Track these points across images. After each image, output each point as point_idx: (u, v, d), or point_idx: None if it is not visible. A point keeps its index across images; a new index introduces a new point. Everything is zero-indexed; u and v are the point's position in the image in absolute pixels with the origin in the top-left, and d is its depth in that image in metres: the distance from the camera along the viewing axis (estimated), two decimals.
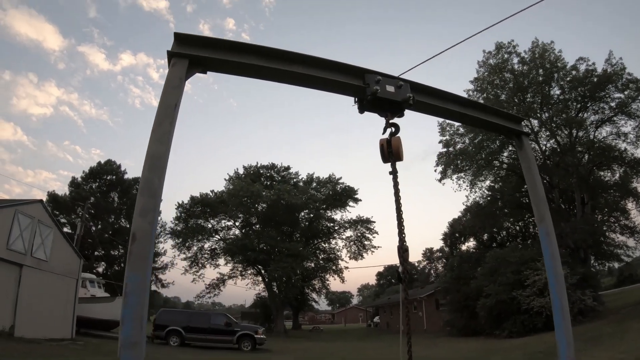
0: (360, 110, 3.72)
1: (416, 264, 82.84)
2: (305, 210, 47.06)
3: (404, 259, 3.39)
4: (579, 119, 24.24)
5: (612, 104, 24.66)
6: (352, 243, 49.64)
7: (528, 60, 25.73)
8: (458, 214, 45.13)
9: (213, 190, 45.85)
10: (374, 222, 48.94)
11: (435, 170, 30.84)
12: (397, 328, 45.36)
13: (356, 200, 48.38)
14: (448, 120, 28.66)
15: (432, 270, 68.58)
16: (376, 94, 3.53)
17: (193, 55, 3.19)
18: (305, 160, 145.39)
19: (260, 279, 46.91)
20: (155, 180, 2.76)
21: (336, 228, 49.67)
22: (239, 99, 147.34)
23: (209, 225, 46.31)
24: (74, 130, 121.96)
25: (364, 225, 49.08)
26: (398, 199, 3.62)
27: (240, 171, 49.80)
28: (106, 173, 46.21)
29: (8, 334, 14.63)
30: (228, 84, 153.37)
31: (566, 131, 25.74)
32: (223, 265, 46.18)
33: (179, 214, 44.44)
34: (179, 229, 44.57)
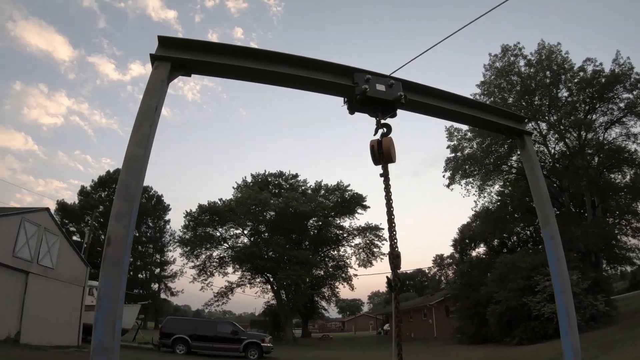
0: (350, 111, 3.58)
1: (426, 271, 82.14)
2: (314, 218, 46.93)
3: (395, 266, 3.25)
4: (587, 120, 23.86)
5: (621, 104, 24.26)
6: (361, 250, 49.34)
7: (534, 62, 25.47)
8: (467, 220, 44.61)
9: (221, 198, 46.02)
10: (383, 229, 48.55)
11: (443, 176, 30.58)
12: (408, 335, 44.86)
13: (364, 207, 48.15)
14: (456, 125, 28.61)
15: (443, 277, 67.80)
16: (365, 93, 3.37)
17: (176, 57, 3.15)
18: (313, 168, 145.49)
19: (269, 287, 46.73)
20: (132, 183, 2.70)
21: (345, 235, 49.42)
22: (249, 108, 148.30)
23: (217, 234, 46.36)
24: (85, 140, 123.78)
25: (372, 232, 48.78)
26: (389, 203, 3.46)
27: (249, 179, 49.94)
28: (115, 182, 46.51)
29: (14, 341, 14.69)
30: (238, 93, 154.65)
31: (575, 133, 25.34)
32: (231, 273, 46.13)
33: (187, 223, 44.55)
34: (187, 237, 44.63)
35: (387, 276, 3.35)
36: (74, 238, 37.26)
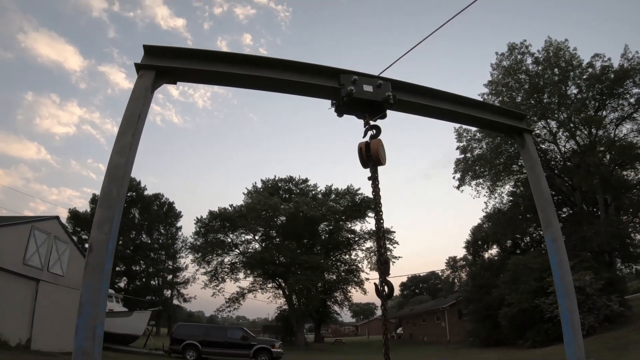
0: (338, 114, 3.50)
1: (440, 274, 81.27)
2: (325, 222, 46.88)
3: (382, 272, 3.17)
4: (597, 117, 23.42)
5: (631, 100, 23.77)
6: (373, 254, 49.05)
7: (542, 60, 25.12)
8: (478, 221, 44.04)
9: (232, 204, 46.24)
10: (394, 232, 48.29)
11: (453, 177, 30.28)
12: (420, 339, 44.39)
13: None
14: (464, 126, 28.33)
15: (456, 280, 66.98)
16: (351, 94, 3.29)
17: (160, 66, 3.17)
18: (323, 172, 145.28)
19: (281, 292, 46.72)
20: (114, 191, 2.71)
21: (356, 239, 49.23)
22: (259, 113, 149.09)
23: (229, 240, 46.54)
24: (97, 148, 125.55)
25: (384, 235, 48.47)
26: (378, 207, 3.38)
27: (259, 185, 50.10)
28: (127, 190, 47.23)
29: (24, 347, 14.90)
30: (248, 99, 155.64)
31: (585, 131, 24.88)
32: (242, 279, 46.25)
33: (198, 229, 44.84)
34: (198, 243, 44.91)
35: (375, 282, 3.27)
36: (87, 245, 37.64)
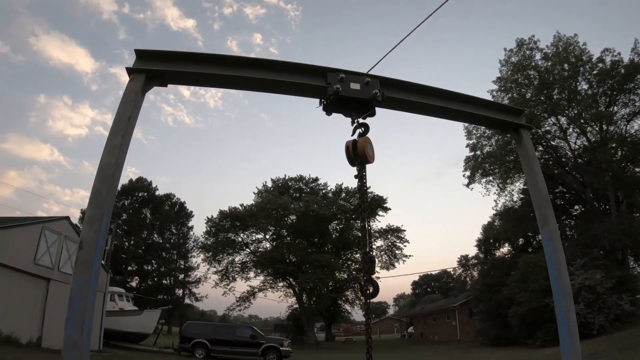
0: (326, 112, 3.49)
1: (452, 272, 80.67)
2: (335, 221, 46.86)
3: (366, 271, 3.17)
4: (608, 113, 22.98)
5: None
6: (383, 253, 48.90)
7: (551, 55, 24.74)
8: (488, 220, 43.61)
9: (242, 204, 46.49)
10: (405, 231, 48.09)
11: (463, 175, 30.00)
12: (431, 338, 44.12)
13: (386, 209, 47.82)
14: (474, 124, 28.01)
15: (468, 278, 66.45)
16: (338, 93, 3.29)
17: (150, 69, 3.25)
18: (333, 171, 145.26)
19: (292, 291, 46.85)
20: (103, 190, 2.81)
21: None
22: (270, 112, 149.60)
23: (239, 239, 46.80)
24: None
25: (394, 234, 48.35)
26: (364, 205, 3.37)
27: (269, 184, 50.26)
28: (138, 190, 47.82)
29: (35, 345, 15.22)
30: (259, 99, 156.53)
31: (596, 127, 24.43)
32: (253, 278, 46.48)
33: (208, 229, 45.18)
34: (209, 243, 45.25)
35: (360, 282, 3.26)
36: None
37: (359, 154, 3.29)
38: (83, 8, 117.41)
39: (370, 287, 3.13)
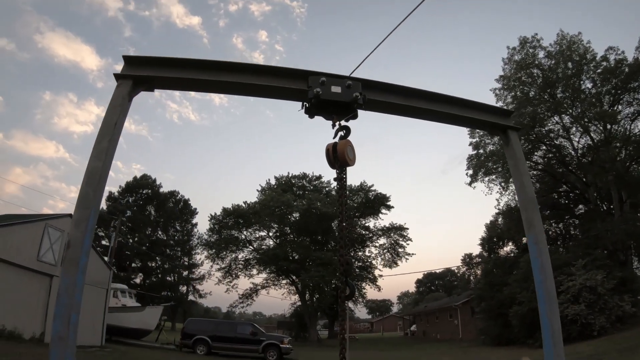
0: (309, 115, 3.52)
1: (456, 270, 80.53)
2: (339, 219, 46.82)
3: (342, 273, 3.19)
4: (611, 112, 22.75)
5: None
6: (386, 251, 48.91)
7: (555, 53, 24.53)
8: (490, 219, 43.43)
9: (246, 201, 46.65)
10: (407, 229, 48.04)
11: (466, 174, 29.86)
12: (434, 336, 44.11)
13: (389, 208, 47.76)
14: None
15: (472, 277, 66.31)
16: (318, 96, 3.31)
17: (137, 75, 3.31)
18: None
19: (294, 288, 47.02)
20: (90, 193, 2.89)
21: (370, 236, 49.10)
22: (275, 110, 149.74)
23: (242, 236, 46.99)
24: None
25: (397, 232, 48.31)
26: (342, 207, 3.39)
27: (273, 182, 50.33)
28: (142, 187, 48.11)
29: (38, 340, 15.43)
30: None
31: (600, 126, 24.22)
32: (256, 275, 46.68)
33: (212, 226, 45.38)
34: (212, 240, 45.45)
35: (337, 283, 3.30)
36: (103, 242, 38.81)
37: (338, 157, 3.31)
38: (88, 5, 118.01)
39: (347, 289, 3.17)
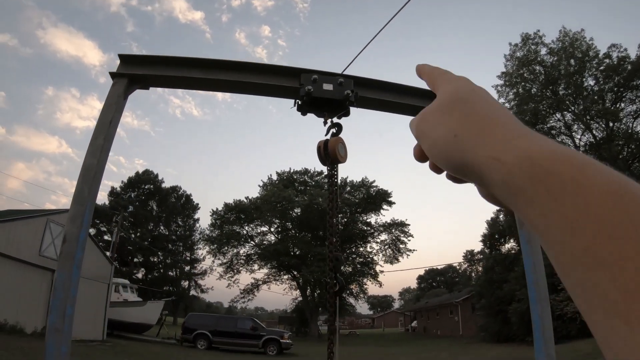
0: (301, 113, 3.59)
1: (457, 267, 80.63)
2: (340, 215, 46.81)
3: (331, 269, 3.23)
4: (613, 109, 22.69)
5: None
6: (387, 247, 49.00)
7: (557, 50, 24.45)
8: (492, 215, 43.31)
9: (247, 196, 46.76)
10: (409, 225, 48.06)
11: None
12: (434, 333, 44.30)
13: (390, 203, 47.76)
14: None
15: (473, 273, 66.38)
16: (310, 94, 3.39)
17: (132, 74, 3.36)
18: (338, 165, 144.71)
19: (295, 283, 47.20)
20: (85, 190, 2.94)
21: (371, 232, 49.18)
22: (278, 105, 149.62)
23: (244, 232, 47.12)
24: (117, 141, 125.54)
25: (398, 228, 48.34)
26: (333, 204, 3.44)
27: (274, 177, 50.41)
28: (144, 182, 48.25)
29: (40, 334, 15.55)
30: None
31: (602, 124, 24.16)
32: (257, 270, 46.85)
33: (214, 221, 45.51)
34: (214, 235, 45.61)
35: (326, 280, 3.35)
36: (105, 237, 39.04)
37: (329, 154, 3.37)
38: (91, 0, 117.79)
39: (336, 285, 3.22)
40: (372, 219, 48.67)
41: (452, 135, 0.35)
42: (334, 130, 3.44)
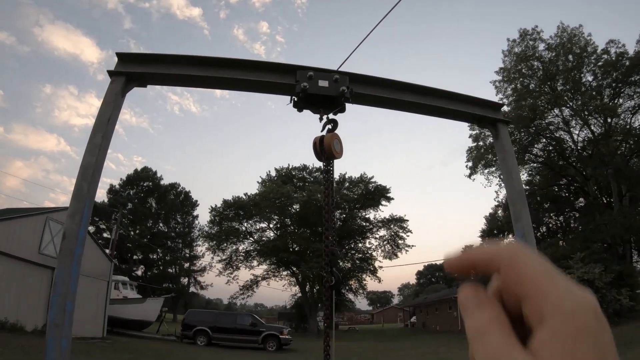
0: (297, 109, 3.61)
1: None
2: (338, 211, 46.99)
3: (327, 263, 3.26)
4: (610, 105, 22.71)
5: None
6: (386, 242, 49.09)
7: (555, 46, 24.45)
8: (490, 210, 43.44)
9: (246, 193, 46.77)
10: (407, 221, 48.15)
11: (466, 166, 29.88)
12: (433, 328, 44.44)
13: (388, 199, 47.82)
14: None
15: None
16: (305, 90, 3.40)
17: (130, 72, 3.37)
18: (336, 161, 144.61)
19: (295, 279, 47.29)
20: (84, 187, 2.99)
21: (370, 227, 49.25)
22: (276, 101, 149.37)
23: (243, 228, 47.15)
24: (116, 139, 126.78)
25: (397, 224, 48.43)
26: (329, 199, 3.46)
27: (273, 173, 50.40)
28: (143, 180, 48.21)
29: (40, 332, 15.61)
30: None
31: (600, 119, 24.19)
32: (256, 266, 46.93)
33: (212, 218, 45.52)
34: (213, 232, 45.63)
35: (323, 273, 3.39)
36: (105, 235, 39.03)
37: (325, 149, 3.39)
38: None
39: (332, 279, 3.26)
40: (371, 214, 48.77)
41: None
42: (329, 126, 3.49)
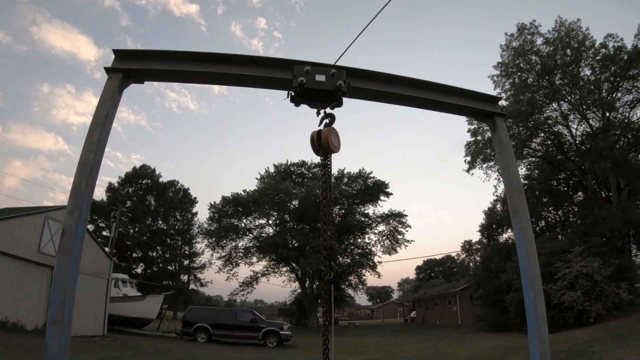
0: (295, 104, 3.58)
1: (456, 257, 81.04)
2: (337, 206, 47.04)
3: (326, 257, 3.26)
4: (608, 99, 22.71)
5: None
6: (385, 237, 49.19)
7: (553, 40, 24.44)
8: (489, 205, 43.43)
9: (245, 189, 46.78)
10: (406, 216, 48.26)
11: (464, 161, 29.86)
12: (433, 323, 44.61)
13: (387, 194, 47.91)
14: None
15: (471, 263, 66.74)
16: (302, 85, 3.38)
17: (127, 68, 3.36)
18: (335, 156, 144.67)
19: (294, 275, 47.38)
20: (83, 183, 2.99)
21: (369, 223, 49.32)
22: (274, 97, 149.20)
23: (242, 224, 47.20)
24: (114, 137, 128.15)
25: (396, 219, 48.51)
26: (327, 193, 3.46)
27: (271, 170, 50.39)
28: (141, 177, 48.16)
29: (40, 331, 15.61)
30: None
31: (599, 113, 24.21)
32: (256, 263, 47.02)
33: (211, 215, 45.55)
34: (212, 229, 45.67)
35: (321, 267, 3.39)
36: (104, 233, 39.03)
37: (323, 144, 3.38)
38: None
39: (331, 273, 3.27)
40: (370, 210, 48.88)
41: None
42: (327, 120, 3.48)
